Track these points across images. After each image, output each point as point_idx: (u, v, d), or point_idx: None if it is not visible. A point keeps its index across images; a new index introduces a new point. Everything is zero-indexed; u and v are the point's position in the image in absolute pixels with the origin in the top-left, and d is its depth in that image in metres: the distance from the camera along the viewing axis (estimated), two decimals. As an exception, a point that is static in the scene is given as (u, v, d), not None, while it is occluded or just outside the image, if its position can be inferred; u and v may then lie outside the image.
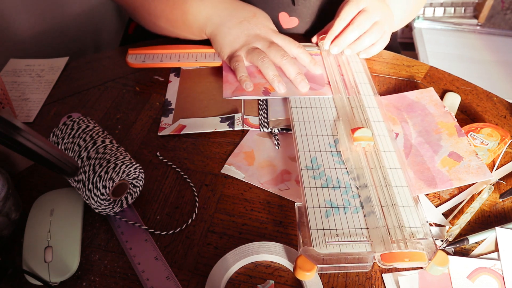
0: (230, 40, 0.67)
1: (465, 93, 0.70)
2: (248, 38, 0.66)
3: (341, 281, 0.47)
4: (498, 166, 0.59)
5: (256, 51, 0.65)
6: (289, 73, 0.65)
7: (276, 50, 0.65)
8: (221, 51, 0.68)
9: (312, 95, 0.64)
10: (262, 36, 0.67)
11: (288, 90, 0.64)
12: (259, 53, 0.65)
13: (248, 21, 0.67)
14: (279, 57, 0.64)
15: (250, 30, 0.67)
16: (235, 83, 0.66)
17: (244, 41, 0.66)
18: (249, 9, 0.69)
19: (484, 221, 0.53)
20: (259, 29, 0.67)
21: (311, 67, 0.67)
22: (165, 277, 0.46)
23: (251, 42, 0.66)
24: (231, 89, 0.65)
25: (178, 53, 0.71)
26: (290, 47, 0.67)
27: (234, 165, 0.58)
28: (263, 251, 0.48)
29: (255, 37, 0.66)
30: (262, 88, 0.64)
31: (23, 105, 0.66)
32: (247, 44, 0.66)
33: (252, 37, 0.66)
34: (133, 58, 0.70)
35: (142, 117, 0.64)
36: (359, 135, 0.56)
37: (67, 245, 0.47)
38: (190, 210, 0.53)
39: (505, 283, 0.47)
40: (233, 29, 0.67)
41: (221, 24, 0.68)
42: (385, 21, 0.68)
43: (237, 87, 0.65)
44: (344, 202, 0.51)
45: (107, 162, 0.48)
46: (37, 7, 0.96)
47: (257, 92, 0.64)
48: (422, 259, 0.45)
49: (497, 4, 1.73)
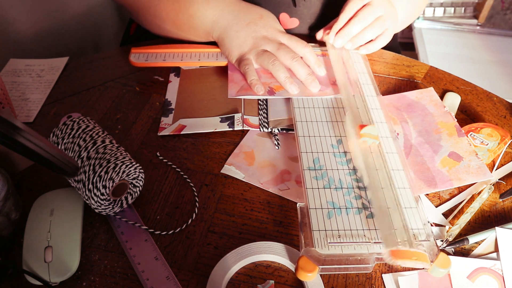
0: (238, 43, 0.67)
1: (465, 93, 0.70)
2: (256, 40, 0.66)
3: (341, 281, 0.47)
4: (498, 166, 0.59)
5: (266, 54, 0.65)
6: (300, 74, 0.65)
7: (285, 52, 0.65)
8: (230, 54, 0.68)
9: (316, 96, 0.64)
10: (270, 38, 0.67)
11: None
12: (269, 56, 0.65)
13: (255, 23, 0.67)
14: (289, 59, 0.65)
15: (258, 32, 0.67)
16: (240, 83, 0.66)
17: (252, 43, 0.66)
18: (255, 11, 0.69)
19: (484, 221, 0.53)
20: (266, 30, 0.67)
21: (315, 68, 0.67)
22: (165, 277, 0.46)
23: (259, 44, 0.66)
24: (236, 89, 0.65)
25: (181, 52, 0.71)
26: (298, 47, 0.66)
27: (234, 165, 0.58)
28: (265, 251, 0.48)
29: (263, 39, 0.66)
30: (267, 88, 0.64)
31: (23, 105, 0.66)
32: (255, 47, 0.66)
33: (260, 40, 0.66)
34: (136, 57, 0.70)
35: (142, 117, 0.64)
36: (366, 132, 0.55)
37: (67, 245, 0.47)
38: (190, 210, 0.53)
39: (505, 283, 0.47)
40: (241, 32, 0.67)
41: (228, 27, 0.68)
42: (388, 17, 0.68)
43: (242, 86, 0.65)
44: (346, 203, 0.50)
45: (107, 162, 0.48)
46: (37, 7, 0.96)
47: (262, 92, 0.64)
48: (425, 261, 0.45)
49: (497, 4, 1.73)
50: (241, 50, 0.67)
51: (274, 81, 0.65)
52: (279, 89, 0.64)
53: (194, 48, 0.72)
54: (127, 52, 0.74)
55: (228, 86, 0.65)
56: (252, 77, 0.64)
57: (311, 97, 0.64)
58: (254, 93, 0.64)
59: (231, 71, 0.68)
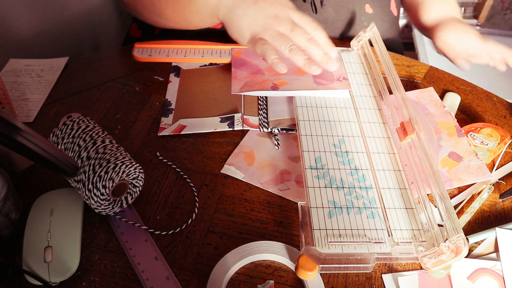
0: (248, 22, 0.63)
1: (465, 93, 0.70)
2: (268, 20, 0.62)
3: (341, 281, 0.47)
4: (498, 166, 0.59)
5: (282, 39, 0.61)
6: (315, 55, 0.62)
7: (300, 34, 0.62)
8: (240, 35, 0.65)
9: (321, 89, 0.64)
10: (281, 16, 0.63)
11: (296, 85, 0.64)
12: (285, 40, 0.61)
13: (263, 0, 0.63)
14: (304, 41, 0.62)
15: (267, 10, 0.63)
16: (244, 79, 0.66)
17: (264, 23, 0.63)
18: None
19: (484, 221, 0.53)
20: (275, 8, 0.63)
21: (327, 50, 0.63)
22: (165, 277, 0.46)
23: (272, 24, 0.62)
24: (240, 85, 0.65)
25: (184, 48, 0.71)
26: (308, 27, 0.63)
27: (234, 165, 0.58)
28: (265, 251, 0.48)
29: (274, 19, 0.63)
30: (270, 84, 0.64)
31: (23, 105, 0.66)
32: (268, 28, 0.62)
33: (271, 19, 0.63)
34: (140, 52, 0.70)
35: (142, 117, 0.64)
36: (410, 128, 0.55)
37: (67, 245, 0.47)
38: (190, 210, 0.53)
39: (505, 284, 0.47)
40: (249, 10, 0.63)
41: (235, 6, 0.64)
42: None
43: (246, 83, 0.65)
44: (348, 203, 0.51)
45: (107, 162, 0.48)
46: (37, 7, 0.96)
47: (265, 87, 0.64)
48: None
49: (497, 4, 1.73)
50: (252, 30, 0.63)
51: (277, 78, 0.65)
52: (282, 85, 0.64)
53: (198, 44, 0.72)
54: (127, 52, 0.74)
55: (231, 82, 0.65)
56: (273, 56, 0.61)
57: (314, 96, 0.64)
58: (257, 89, 0.63)
59: (235, 68, 0.68)
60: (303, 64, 0.61)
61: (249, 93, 0.64)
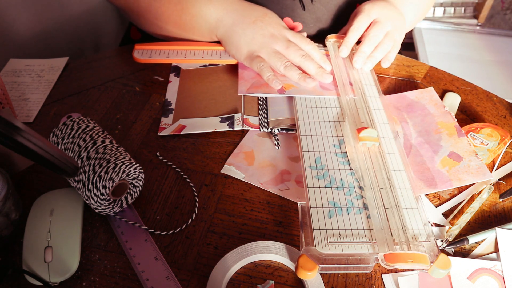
0: (247, 40, 0.67)
1: (465, 93, 0.70)
2: (264, 38, 0.67)
3: (341, 281, 0.47)
4: (498, 166, 0.59)
5: (277, 56, 0.66)
6: (310, 69, 0.66)
7: (294, 50, 0.66)
8: (238, 51, 0.68)
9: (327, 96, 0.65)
10: (277, 35, 0.67)
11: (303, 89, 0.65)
12: (280, 58, 0.66)
13: (261, 20, 0.67)
14: (299, 57, 0.66)
15: (265, 30, 0.67)
16: (251, 80, 0.66)
17: (261, 42, 0.67)
18: (259, 9, 0.69)
19: (484, 221, 0.53)
20: (272, 27, 0.67)
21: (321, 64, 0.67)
22: (165, 277, 0.46)
23: (268, 43, 0.66)
24: (246, 86, 0.65)
25: (184, 49, 0.72)
26: (302, 44, 0.67)
27: (234, 165, 0.58)
28: (265, 251, 0.48)
29: (271, 37, 0.67)
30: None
31: (23, 105, 0.66)
32: (265, 46, 0.66)
33: (268, 38, 0.67)
34: (140, 53, 0.70)
35: (142, 117, 0.64)
36: (365, 135, 0.56)
37: (67, 245, 0.47)
38: (190, 210, 0.53)
39: (505, 284, 0.47)
40: (248, 30, 0.67)
41: (234, 25, 0.68)
42: (396, 30, 0.69)
43: (253, 84, 0.65)
44: (347, 203, 0.51)
45: (107, 162, 0.48)
46: (37, 7, 0.96)
47: (272, 89, 0.65)
48: (425, 262, 0.45)
49: (497, 4, 1.73)
50: (250, 48, 0.67)
51: (283, 79, 0.66)
52: (289, 88, 0.65)
53: (198, 45, 0.72)
54: (127, 52, 0.74)
55: (238, 83, 0.66)
56: (268, 73, 0.65)
57: (314, 97, 0.64)
58: (264, 90, 0.64)
59: (242, 69, 0.69)
60: (298, 78, 0.65)
61: (256, 95, 0.65)
